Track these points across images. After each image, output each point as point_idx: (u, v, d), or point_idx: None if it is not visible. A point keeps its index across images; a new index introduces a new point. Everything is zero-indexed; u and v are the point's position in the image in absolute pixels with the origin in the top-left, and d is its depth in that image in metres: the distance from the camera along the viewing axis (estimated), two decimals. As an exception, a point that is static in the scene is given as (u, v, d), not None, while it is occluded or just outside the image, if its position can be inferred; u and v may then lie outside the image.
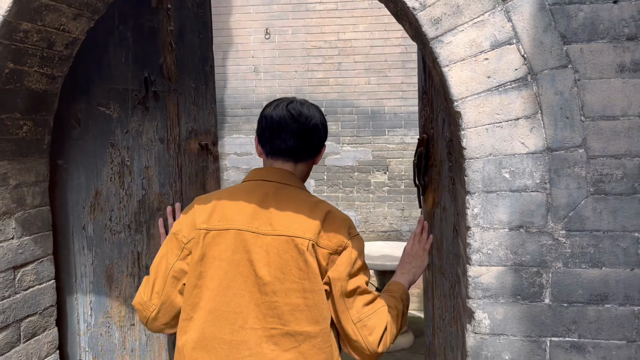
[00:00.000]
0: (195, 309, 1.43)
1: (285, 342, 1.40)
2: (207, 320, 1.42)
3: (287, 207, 1.46)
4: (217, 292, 1.42)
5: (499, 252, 1.34)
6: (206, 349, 1.41)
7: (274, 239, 1.42)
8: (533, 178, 1.31)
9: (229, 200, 1.48)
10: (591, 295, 1.31)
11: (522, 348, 1.34)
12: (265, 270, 1.41)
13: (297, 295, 1.41)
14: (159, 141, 2.32)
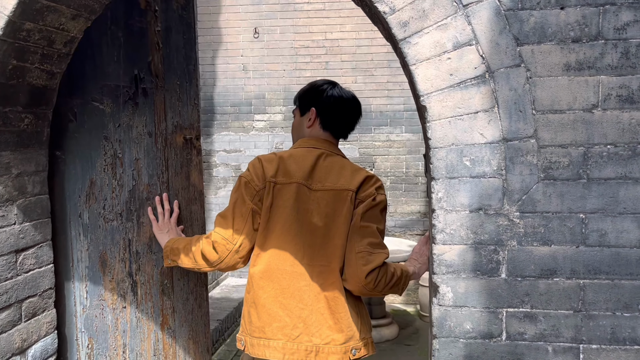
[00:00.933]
0: (263, 247, 1.81)
1: (330, 276, 1.79)
2: (272, 255, 1.79)
3: (334, 169, 1.86)
4: (280, 233, 1.79)
5: (461, 232, 1.50)
6: (270, 278, 1.79)
7: (325, 193, 1.82)
8: (491, 165, 1.47)
9: (289, 160, 1.86)
10: (542, 270, 1.47)
11: (481, 318, 1.51)
12: (317, 218, 1.80)
13: (340, 237, 1.80)
14: (148, 135, 2.45)
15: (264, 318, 1.80)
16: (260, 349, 1.80)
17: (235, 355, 4.53)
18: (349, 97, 2.00)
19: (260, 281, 1.81)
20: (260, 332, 1.81)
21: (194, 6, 2.76)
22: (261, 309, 1.81)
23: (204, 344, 2.78)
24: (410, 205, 5.68)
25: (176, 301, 2.57)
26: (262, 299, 1.81)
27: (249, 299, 1.85)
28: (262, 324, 1.81)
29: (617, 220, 1.43)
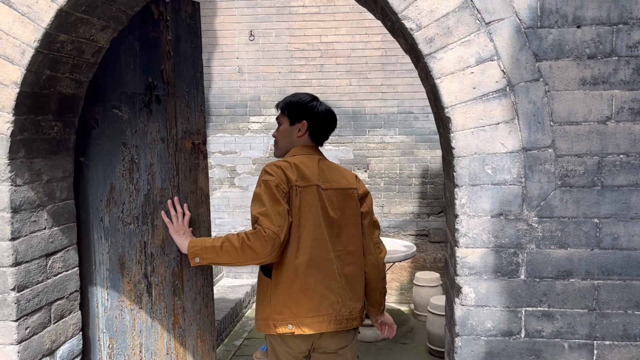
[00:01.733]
0: (300, 241, 2.13)
1: (347, 258, 2.22)
2: (311, 246, 2.14)
3: (332, 170, 2.30)
4: (313, 228, 2.15)
5: (483, 236, 1.60)
6: (314, 265, 2.14)
7: (334, 191, 2.24)
8: (511, 173, 1.57)
9: (297, 164, 2.21)
10: (559, 271, 1.58)
11: (501, 317, 1.60)
12: (332, 212, 2.20)
13: (351, 226, 2.25)
14: (161, 140, 2.51)
15: (316, 300, 2.14)
16: (315, 325, 2.13)
17: (234, 355, 4.59)
18: (332, 112, 2.44)
19: (307, 270, 2.13)
20: (314, 312, 2.13)
21: (199, 16, 2.83)
22: (311, 293, 2.13)
23: (210, 342, 2.85)
24: (404, 206, 5.79)
25: (186, 301, 2.64)
26: (311, 284, 2.14)
27: (296, 287, 2.13)
28: (315, 305, 2.13)
29: (629, 225, 1.53)
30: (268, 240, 2.02)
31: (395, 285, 5.84)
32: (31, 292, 1.82)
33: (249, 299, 5.70)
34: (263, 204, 2.08)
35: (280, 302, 2.14)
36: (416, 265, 5.79)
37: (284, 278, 2.13)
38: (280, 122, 2.42)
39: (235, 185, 5.96)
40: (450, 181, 1.70)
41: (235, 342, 4.89)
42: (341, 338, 2.23)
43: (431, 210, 5.76)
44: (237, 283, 5.86)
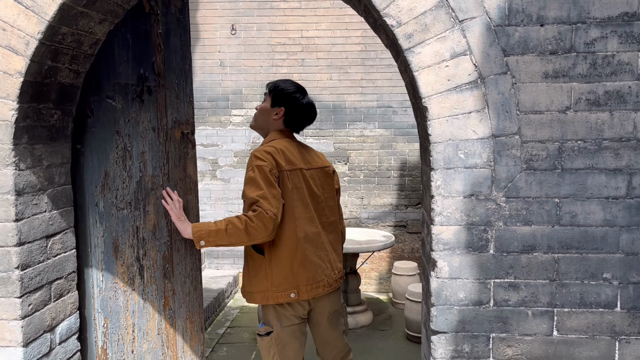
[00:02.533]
0: (296, 220, 2.40)
1: (329, 227, 2.60)
2: (305, 224, 2.43)
3: (309, 152, 2.62)
4: (303, 207, 2.44)
5: (456, 214, 1.77)
6: (308, 240, 2.45)
7: (315, 170, 2.57)
8: (481, 158, 1.74)
9: (283, 150, 2.44)
10: (523, 246, 1.76)
11: (472, 288, 1.78)
12: (317, 189, 2.54)
13: (330, 200, 2.63)
14: (152, 130, 2.63)
15: (312, 269, 2.45)
16: (313, 291, 2.46)
17: (218, 343, 4.72)
18: (312, 107, 2.66)
19: (304, 244, 2.43)
20: (311, 280, 2.45)
21: (188, 10, 2.95)
22: (309, 264, 2.44)
23: (198, 323, 2.99)
24: (383, 197, 5.97)
25: (175, 284, 2.77)
26: (309, 256, 2.44)
27: (296, 261, 2.41)
28: (312, 274, 2.45)
29: (585, 204, 1.72)
30: (270, 221, 2.23)
31: (374, 274, 6.02)
32: (33, 270, 1.93)
33: (231, 289, 5.83)
34: (260, 187, 2.27)
35: (280, 276, 2.40)
36: (394, 255, 5.98)
37: (282, 254, 2.39)
38: (264, 100, 2.66)
39: (217, 177, 6.07)
40: (426, 165, 1.87)
41: (219, 330, 5.02)
42: (332, 299, 2.60)
43: (409, 202, 5.96)
44: (219, 274, 5.98)
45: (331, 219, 2.62)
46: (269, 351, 2.52)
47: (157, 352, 2.65)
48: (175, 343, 2.77)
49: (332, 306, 2.62)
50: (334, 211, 2.64)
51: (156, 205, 2.63)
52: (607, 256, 1.73)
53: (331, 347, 2.69)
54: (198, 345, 2.96)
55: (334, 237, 2.64)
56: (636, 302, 1.73)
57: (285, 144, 2.51)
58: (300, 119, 2.61)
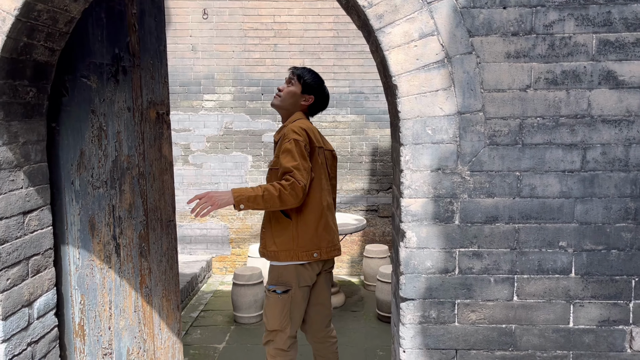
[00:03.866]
0: (321, 189, 2.76)
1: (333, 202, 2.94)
2: (327, 195, 2.82)
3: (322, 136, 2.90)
4: (325, 181, 2.81)
5: (423, 187, 1.87)
6: (329, 209, 2.84)
7: (328, 152, 2.91)
8: (448, 134, 1.85)
9: (315, 131, 2.79)
10: (487, 217, 1.87)
11: (439, 257, 1.89)
12: (329, 169, 2.90)
13: (334, 179, 2.99)
14: (127, 110, 2.67)
15: (332, 234, 2.83)
16: (330, 252, 2.81)
17: (191, 326, 4.77)
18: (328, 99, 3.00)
19: (327, 212, 2.79)
20: (331, 243, 2.81)
21: (163, -10, 2.98)
22: (329, 229, 2.81)
23: (174, 301, 3.05)
24: (355, 183, 6.08)
25: (152, 262, 2.82)
26: (329, 223, 2.81)
27: (322, 225, 2.76)
28: (331, 238, 2.82)
29: (544, 177, 1.84)
30: (300, 190, 2.55)
31: (346, 258, 6.15)
32: (11, 246, 1.97)
33: (204, 274, 5.87)
34: (295, 159, 2.59)
35: (306, 238, 2.73)
36: (366, 239, 6.11)
37: (309, 219, 2.73)
38: (292, 83, 2.85)
39: (190, 163, 6.08)
40: (396, 142, 1.96)
41: (192, 313, 5.07)
42: (331, 262, 2.98)
43: (380, 187, 6.08)
44: (192, 259, 6.01)
45: (333, 195, 3.00)
46: (282, 309, 2.76)
47: (133, 329, 2.71)
48: (152, 320, 2.83)
49: (329, 267, 2.99)
50: (335, 189, 3.03)
51: (132, 185, 2.67)
52: (563, 226, 1.86)
53: (324, 308, 2.98)
54: (175, 323, 3.02)
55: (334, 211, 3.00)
56: (589, 268, 1.87)
57: (310, 125, 2.81)
58: (322, 108, 2.97)
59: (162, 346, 2.90)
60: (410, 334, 1.91)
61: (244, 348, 4.32)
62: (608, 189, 1.83)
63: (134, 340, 2.71)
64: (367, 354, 4.19)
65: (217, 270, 6.18)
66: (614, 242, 1.85)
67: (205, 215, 2.49)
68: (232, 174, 6.04)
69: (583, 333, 1.89)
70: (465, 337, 1.90)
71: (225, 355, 4.20)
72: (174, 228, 3.02)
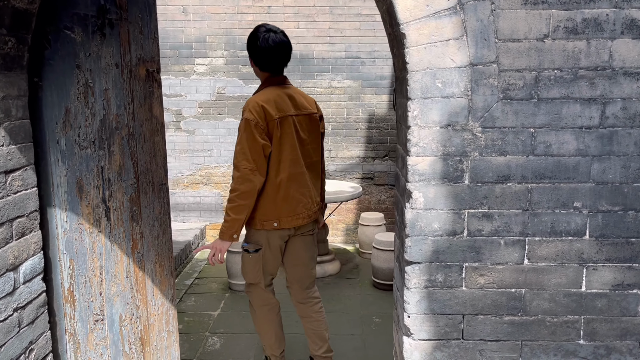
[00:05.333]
0: (281, 162, 2.75)
1: (311, 167, 2.92)
2: (290, 166, 2.78)
3: (299, 98, 2.87)
4: (290, 150, 2.76)
5: (432, 145, 1.75)
6: (292, 179, 2.81)
7: (303, 117, 2.84)
8: (459, 87, 1.72)
9: (275, 100, 2.73)
10: (498, 176, 1.76)
11: (447, 218, 1.78)
12: (303, 134, 2.83)
13: (314, 142, 2.93)
14: (115, 66, 2.51)
15: (293, 204, 2.85)
16: (292, 222, 2.86)
17: (186, 293, 4.69)
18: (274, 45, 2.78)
19: (287, 183, 2.79)
20: (292, 213, 2.85)
21: (151, -63, 2.78)
22: (291, 200, 2.83)
23: (168, 267, 2.95)
24: (350, 150, 5.95)
25: (144, 227, 2.70)
26: (290, 194, 2.81)
27: (280, 196, 2.79)
28: (292, 208, 2.84)
29: (559, 134, 1.73)
30: (251, 174, 2.66)
31: (341, 226, 6.06)
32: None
33: (198, 241, 5.78)
34: (240, 142, 2.66)
35: (266, 209, 2.81)
36: (361, 207, 6.02)
37: (267, 192, 2.77)
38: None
39: (182, 129, 5.92)
40: (403, 96, 1.83)
41: (186, 281, 4.99)
42: (309, 227, 3.03)
43: (376, 154, 5.96)
44: (186, 227, 5.91)
45: (314, 159, 2.95)
46: (255, 266, 2.94)
47: (126, 294, 2.60)
48: (145, 286, 2.73)
49: (307, 231, 3.04)
50: (317, 152, 2.97)
51: (121, 146, 2.53)
52: (578, 185, 1.75)
53: (304, 269, 3.08)
54: (168, 289, 2.92)
55: (315, 175, 3.00)
56: (604, 230, 1.77)
57: (277, 91, 2.79)
58: (267, 59, 2.81)
59: (156, 312, 2.81)
60: (416, 298, 1.81)
61: (239, 315, 4.26)
62: (627, 147, 1.72)
63: (126, 306, 2.61)
64: (363, 321, 4.14)
65: (211, 238, 6.08)
66: (632, 203, 1.75)
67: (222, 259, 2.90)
68: (224, 141, 5.89)
69: (595, 297, 1.80)
70: (472, 302, 1.81)
71: (220, 322, 4.14)
72: (167, 192, 2.89)
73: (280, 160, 2.76)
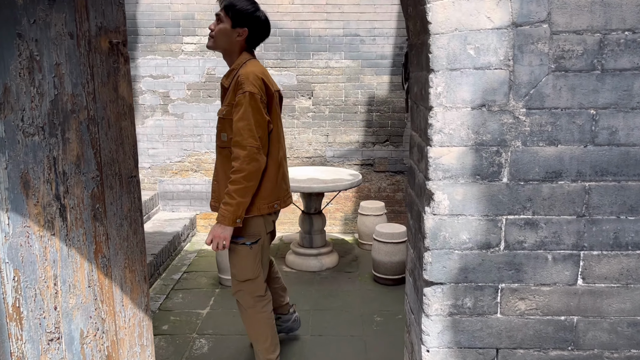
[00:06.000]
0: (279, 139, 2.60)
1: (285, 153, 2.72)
2: (282, 142, 2.64)
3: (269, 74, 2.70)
4: (279, 127, 2.62)
5: (461, 132, 1.31)
6: (284, 158, 2.68)
7: (277, 92, 2.63)
8: (497, 55, 1.28)
9: (264, 72, 2.50)
10: (546, 172, 1.32)
11: (479, 227, 1.35)
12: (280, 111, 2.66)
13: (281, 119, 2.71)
14: (69, 36, 2.05)
15: (287, 183, 2.75)
16: (288, 201, 2.76)
17: (173, 289, 4.29)
18: (269, 23, 2.62)
19: (283, 161, 2.66)
20: (287, 193, 2.74)
21: None
22: (286, 178, 2.73)
23: (140, 272, 2.51)
24: (349, 135, 5.51)
25: (109, 227, 2.26)
26: (284, 171, 2.69)
27: (280, 175, 2.63)
28: (287, 187, 2.75)
29: (629, 117, 1.29)
30: (257, 153, 2.40)
31: (339, 215, 5.64)
32: None
33: (187, 232, 5.35)
34: (246, 117, 2.36)
35: (269, 190, 2.57)
36: (360, 195, 5.59)
37: (270, 171, 2.55)
38: (221, 20, 2.50)
39: (169, 112, 5.45)
40: (421, 68, 1.39)
41: (174, 275, 4.58)
42: None
43: (377, 139, 5.52)
44: (175, 216, 5.48)
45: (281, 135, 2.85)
46: (254, 259, 2.66)
47: (88, 307, 2.18)
48: (112, 296, 2.30)
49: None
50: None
51: (79, 132, 2.09)
52: (651, 184, 1.32)
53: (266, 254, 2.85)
54: (141, 297, 2.49)
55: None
56: (682, 242, 1.34)
57: (261, 67, 2.56)
58: (262, 38, 2.63)
59: (126, 325, 2.39)
60: (437, 328, 1.39)
61: (229, 313, 3.85)
62: None
63: (88, 320, 2.18)
64: (363, 320, 3.74)
65: (202, 228, 5.65)
66: None
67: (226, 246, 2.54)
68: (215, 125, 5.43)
69: (667, 327, 1.38)
70: (510, 333, 1.39)
71: (209, 322, 3.73)
72: (137, 185, 2.44)
73: (279, 137, 2.62)
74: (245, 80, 2.38)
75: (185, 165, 5.53)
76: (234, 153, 2.40)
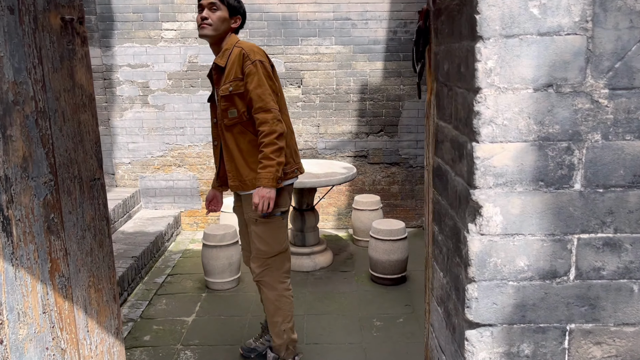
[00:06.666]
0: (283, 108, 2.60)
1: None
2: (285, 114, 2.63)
3: None
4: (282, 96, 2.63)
5: (519, 122, 0.94)
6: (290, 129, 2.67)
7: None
8: (571, 15, 0.90)
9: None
10: (635, 176, 0.96)
11: (542, 250, 0.99)
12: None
13: None
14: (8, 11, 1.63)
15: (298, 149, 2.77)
16: (302, 168, 2.73)
17: (156, 294, 3.90)
18: None
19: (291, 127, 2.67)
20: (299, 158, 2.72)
21: None
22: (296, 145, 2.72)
23: (109, 291, 2.11)
24: (341, 125, 5.12)
25: (68, 240, 1.86)
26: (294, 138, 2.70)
27: (293, 141, 2.67)
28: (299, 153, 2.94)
29: None
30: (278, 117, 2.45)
31: (332, 210, 5.28)
32: None
33: (171, 231, 4.96)
34: (262, 84, 2.43)
35: (290, 157, 2.61)
36: (354, 188, 5.22)
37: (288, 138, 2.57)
38: (218, 8, 2.56)
39: (149, 104, 5.02)
40: (459, 37, 1.01)
41: (157, 279, 4.19)
42: None
43: (370, 130, 5.14)
44: (158, 214, 5.07)
45: None
46: (285, 229, 2.67)
47: (43, 337, 1.79)
48: (74, 321, 1.91)
49: None
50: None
51: (25, 128, 1.68)
52: None
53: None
54: (110, 319, 2.10)
55: None
56: None
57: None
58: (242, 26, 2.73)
59: (92, 354, 2.00)
60: (484, 383, 1.03)
61: (217, 321, 3.48)
62: None
63: (44, 352, 1.80)
64: (362, 325, 3.40)
65: (187, 226, 5.26)
66: None
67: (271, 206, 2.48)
68: (199, 117, 5.02)
69: None
70: (580, 387, 1.04)
71: (195, 331, 3.36)
72: (102, 189, 2.04)
73: (284, 105, 2.66)
74: (251, 51, 2.47)
75: (168, 160, 5.12)
76: (260, 118, 2.43)
